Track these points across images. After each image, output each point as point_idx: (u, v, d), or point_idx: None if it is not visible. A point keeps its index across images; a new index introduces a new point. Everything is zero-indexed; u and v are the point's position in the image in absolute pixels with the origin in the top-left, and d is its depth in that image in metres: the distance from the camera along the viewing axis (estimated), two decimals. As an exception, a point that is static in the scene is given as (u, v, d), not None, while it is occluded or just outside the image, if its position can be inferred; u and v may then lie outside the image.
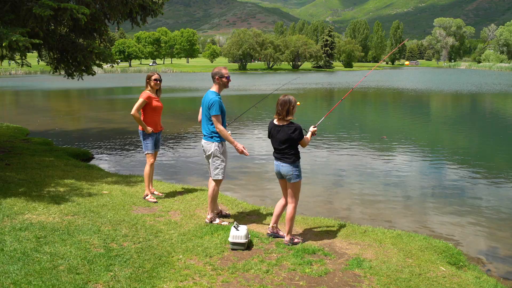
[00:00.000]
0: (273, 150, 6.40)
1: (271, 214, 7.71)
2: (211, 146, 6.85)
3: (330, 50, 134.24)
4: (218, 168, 6.89)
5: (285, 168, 6.19)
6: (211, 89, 6.96)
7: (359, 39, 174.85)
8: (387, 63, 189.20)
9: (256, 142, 16.76)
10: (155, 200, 8.11)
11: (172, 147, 15.13)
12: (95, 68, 13.86)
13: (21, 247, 5.58)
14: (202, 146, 7.05)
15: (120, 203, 7.80)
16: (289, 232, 6.33)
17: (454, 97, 40.85)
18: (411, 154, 15.06)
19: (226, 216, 7.56)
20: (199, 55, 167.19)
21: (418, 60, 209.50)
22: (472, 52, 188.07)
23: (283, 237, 6.48)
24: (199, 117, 7.22)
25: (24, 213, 6.93)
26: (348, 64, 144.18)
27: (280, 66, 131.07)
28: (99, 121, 22.95)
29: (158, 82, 8.17)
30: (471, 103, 36.83)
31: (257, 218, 7.56)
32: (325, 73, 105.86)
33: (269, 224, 7.03)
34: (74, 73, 13.22)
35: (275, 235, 6.58)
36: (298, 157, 6.24)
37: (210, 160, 6.93)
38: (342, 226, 7.24)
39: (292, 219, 6.28)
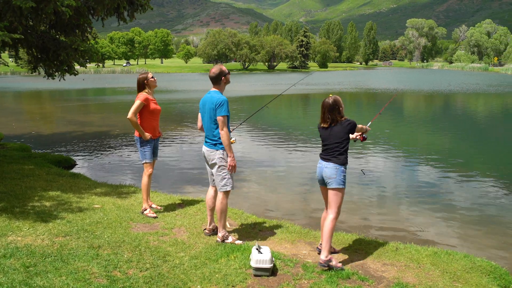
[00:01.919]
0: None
1: (287, 229, 6.95)
2: (215, 155, 6.04)
3: (305, 51, 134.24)
4: (225, 178, 6.07)
5: (329, 169, 5.49)
6: (213, 90, 6.15)
7: (333, 39, 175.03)
8: (360, 64, 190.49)
9: (258, 147, 15.97)
10: (155, 215, 7.22)
11: (162, 153, 14.17)
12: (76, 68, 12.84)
13: (7, 281, 4.65)
14: (203, 153, 6.23)
15: (116, 220, 6.89)
16: (327, 248, 5.47)
17: (440, 97, 40.76)
18: (396, 156, 14.48)
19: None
20: (173, 55, 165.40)
21: (391, 60, 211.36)
22: (444, 52, 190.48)
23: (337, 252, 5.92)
24: (199, 123, 6.40)
25: (7, 234, 5.98)
26: (323, 65, 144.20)
27: (255, 66, 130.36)
28: (78, 124, 21.79)
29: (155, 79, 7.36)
30: (457, 102, 36.71)
31: (272, 234, 6.73)
32: (317, 73, 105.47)
33: (288, 240, 6.43)
34: (55, 73, 12.18)
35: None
36: (347, 160, 5.60)
37: (214, 171, 6.11)
38: (368, 243, 6.48)
39: (330, 233, 5.48)
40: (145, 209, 7.24)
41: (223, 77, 6.13)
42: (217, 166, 6.03)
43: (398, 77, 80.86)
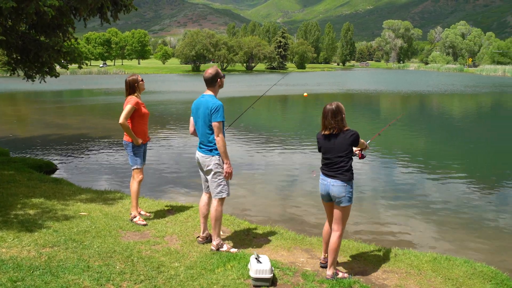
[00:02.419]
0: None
1: (281, 235, 6.78)
2: (211, 161, 5.82)
3: (283, 52, 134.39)
4: (220, 185, 5.88)
5: (337, 188, 5.18)
6: (207, 93, 5.93)
7: (311, 40, 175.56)
8: (338, 64, 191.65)
9: (243, 150, 15.76)
10: (144, 222, 6.96)
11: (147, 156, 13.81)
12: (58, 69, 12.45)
13: (-6, 297, 4.39)
14: (197, 159, 6.02)
15: (105, 228, 6.62)
16: (333, 264, 5.30)
17: (421, 97, 41.10)
18: (382, 159, 14.45)
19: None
20: (150, 56, 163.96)
21: (368, 61, 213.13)
22: (419, 53, 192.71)
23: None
24: (191, 127, 6.16)
25: (-9, 246, 5.68)
26: (301, 66, 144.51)
27: (234, 67, 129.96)
28: (56, 127, 21.27)
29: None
30: (439, 103, 37.04)
31: (266, 241, 6.54)
32: (296, 73, 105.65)
33: (284, 247, 6.26)
34: (35, 75, 11.77)
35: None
36: (353, 175, 5.30)
37: (209, 177, 5.90)
38: (366, 249, 6.35)
39: (337, 250, 5.28)
40: (135, 217, 6.99)
41: (218, 79, 5.93)
42: (212, 172, 5.83)
43: (376, 78, 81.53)
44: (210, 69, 5.96)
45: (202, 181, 6.20)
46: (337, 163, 5.19)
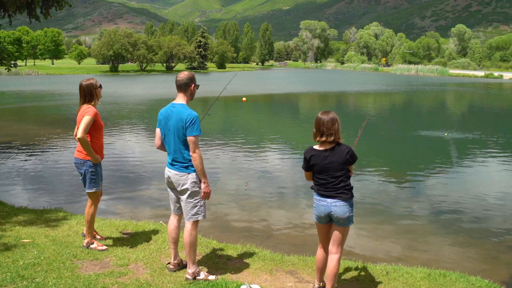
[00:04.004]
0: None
1: (257, 255, 6.19)
2: (187, 180, 5.14)
3: (203, 51, 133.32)
4: (197, 206, 5.21)
5: (341, 208, 4.66)
6: (177, 102, 5.23)
7: (230, 40, 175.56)
8: (257, 64, 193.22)
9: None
10: (105, 247, 6.10)
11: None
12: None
13: None
14: (168, 178, 5.29)
15: (56, 258, 5.69)
16: None
17: (347, 97, 41.82)
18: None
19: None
20: (65, 56, 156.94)
21: (286, 61, 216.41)
22: (335, 53, 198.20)
23: None
24: (158, 141, 5.40)
25: None
26: (221, 65, 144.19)
27: (153, 67, 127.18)
28: (-29, 135, 19.30)
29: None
30: (364, 102, 37.80)
31: (243, 263, 5.91)
32: (204, 74, 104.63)
33: (265, 271, 5.68)
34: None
35: None
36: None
37: (184, 197, 5.20)
38: (355, 268, 5.89)
39: (337, 274, 4.77)
40: (92, 243, 6.08)
41: (192, 85, 5.24)
42: (189, 192, 5.14)
43: (299, 78, 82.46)
44: (183, 73, 5.28)
45: (171, 202, 5.49)
46: (335, 183, 4.69)
